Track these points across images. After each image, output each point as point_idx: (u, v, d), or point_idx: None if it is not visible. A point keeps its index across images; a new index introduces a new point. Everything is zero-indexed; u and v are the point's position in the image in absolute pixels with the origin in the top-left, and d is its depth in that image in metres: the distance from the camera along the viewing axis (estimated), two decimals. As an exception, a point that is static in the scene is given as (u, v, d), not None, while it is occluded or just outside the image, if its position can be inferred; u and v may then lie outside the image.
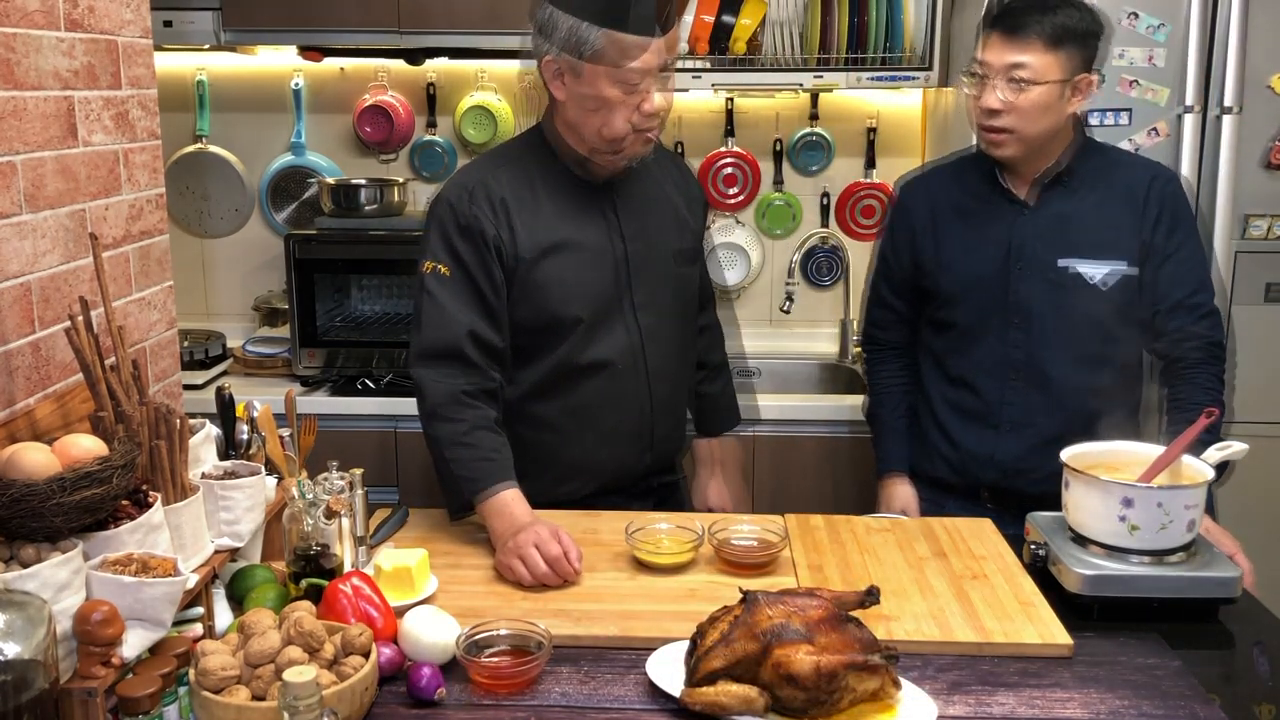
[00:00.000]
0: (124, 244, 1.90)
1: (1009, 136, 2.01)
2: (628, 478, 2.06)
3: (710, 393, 2.28)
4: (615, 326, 1.97)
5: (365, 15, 2.90)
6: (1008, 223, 2.09)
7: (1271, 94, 2.66)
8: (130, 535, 1.35)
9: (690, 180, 2.18)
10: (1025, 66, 1.96)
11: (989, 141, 2.05)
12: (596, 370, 1.96)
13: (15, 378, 1.58)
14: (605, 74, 1.79)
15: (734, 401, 2.34)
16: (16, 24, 1.59)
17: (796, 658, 1.32)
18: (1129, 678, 1.46)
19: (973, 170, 2.17)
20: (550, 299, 1.91)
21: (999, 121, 2.00)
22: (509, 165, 1.95)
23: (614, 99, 1.81)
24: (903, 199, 2.27)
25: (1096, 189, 2.07)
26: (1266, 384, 2.73)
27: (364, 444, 2.82)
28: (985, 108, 2.01)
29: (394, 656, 1.43)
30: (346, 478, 1.66)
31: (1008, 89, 1.98)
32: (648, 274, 1.99)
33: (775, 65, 3.12)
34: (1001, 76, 1.99)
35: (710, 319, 2.28)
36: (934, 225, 2.17)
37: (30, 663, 1.15)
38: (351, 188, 3.08)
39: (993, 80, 2.00)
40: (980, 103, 2.02)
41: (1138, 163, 2.14)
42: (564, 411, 1.98)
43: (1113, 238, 2.05)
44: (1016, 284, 2.07)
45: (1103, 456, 1.77)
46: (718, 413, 2.30)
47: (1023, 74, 1.97)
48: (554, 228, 1.92)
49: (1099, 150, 2.12)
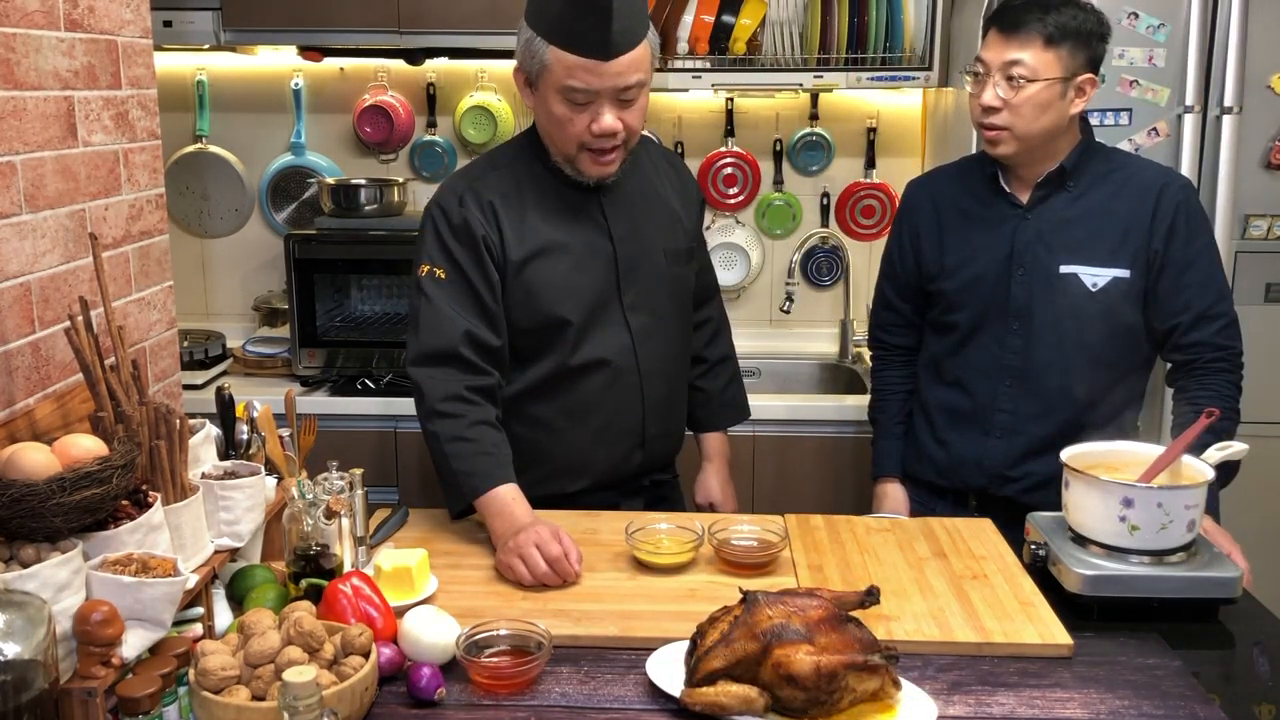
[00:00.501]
0: (124, 244, 1.90)
1: (1006, 134, 2.00)
2: (619, 476, 2.07)
3: (708, 388, 2.27)
4: (608, 327, 1.97)
5: (365, 15, 2.90)
6: (1009, 226, 2.08)
7: (1271, 94, 2.66)
8: (130, 535, 1.35)
9: (687, 180, 2.18)
10: (1022, 64, 1.96)
11: (987, 140, 2.04)
12: (591, 370, 1.97)
13: (15, 378, 1.58)
14: (553, 90, 1.83)
15: (736, 398, 2.32)
16: (16, 24, 1.59)
17: (796, 658, 1.32)
18: (1129, 678, 1.46)
19: (975, 172, 2.16)
20: (540, 301, 1.92)
21: (996, 119, 2.00)
22: (499, 169, 1.97)
23: (562, 116, 1.84)
24: (907, 201, 2.26)
25: (1100, 193, 2.05)
26: (1266, 384, 2.73)
27: (364, 444, 2.82)
28: (982, 104, 2.01)
29: (394, 656, 1.43)
30: (346, 478, 1.66)
31: (1005, 86, 1.98)
32: (639, 274, 2.00)
33: (775, 65, 3.12)
34: (999, 73, 1.98)
35: (711, 314, 2.28)
36: (937, 228, 2.16)
37: (30, 663, 1.15)
38: (351, 188, 3.08)
39: (991, 77, 2.00)
40: (979, 100, 2.02)
41: (1145, 167, 2.11)
42: (558, 410, 1.99)
43: (1116, 243, 2.03)
44: (1017, 288, 2.06)
45: (1103, 456, 1.77)
46: (712, 407, 2.28)
47: (1020, 71, 1.96)
48: (542, 230, 1.93)
49: (1102, 153, 2.10)
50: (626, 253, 1.98)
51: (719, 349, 2.29)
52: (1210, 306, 2.02)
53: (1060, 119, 2.00)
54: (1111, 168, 2.08)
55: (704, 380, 2.27)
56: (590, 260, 1.96)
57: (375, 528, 1.86)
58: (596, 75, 1.78)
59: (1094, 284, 2.03)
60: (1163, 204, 2.02)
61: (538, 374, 1.97)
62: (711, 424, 2.29)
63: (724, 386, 2.29)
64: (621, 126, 1.84)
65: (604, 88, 1.80)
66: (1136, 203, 2.03)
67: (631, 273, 1.99)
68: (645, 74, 1.84)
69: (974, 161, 2.19)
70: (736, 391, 2.32)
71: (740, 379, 2.34)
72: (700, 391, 2.27)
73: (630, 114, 1.85)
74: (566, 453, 2.02)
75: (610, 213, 1.98)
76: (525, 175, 1.96)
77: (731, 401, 2.31)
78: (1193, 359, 2.03)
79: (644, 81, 1.84)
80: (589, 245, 1.96)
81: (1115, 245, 2.03)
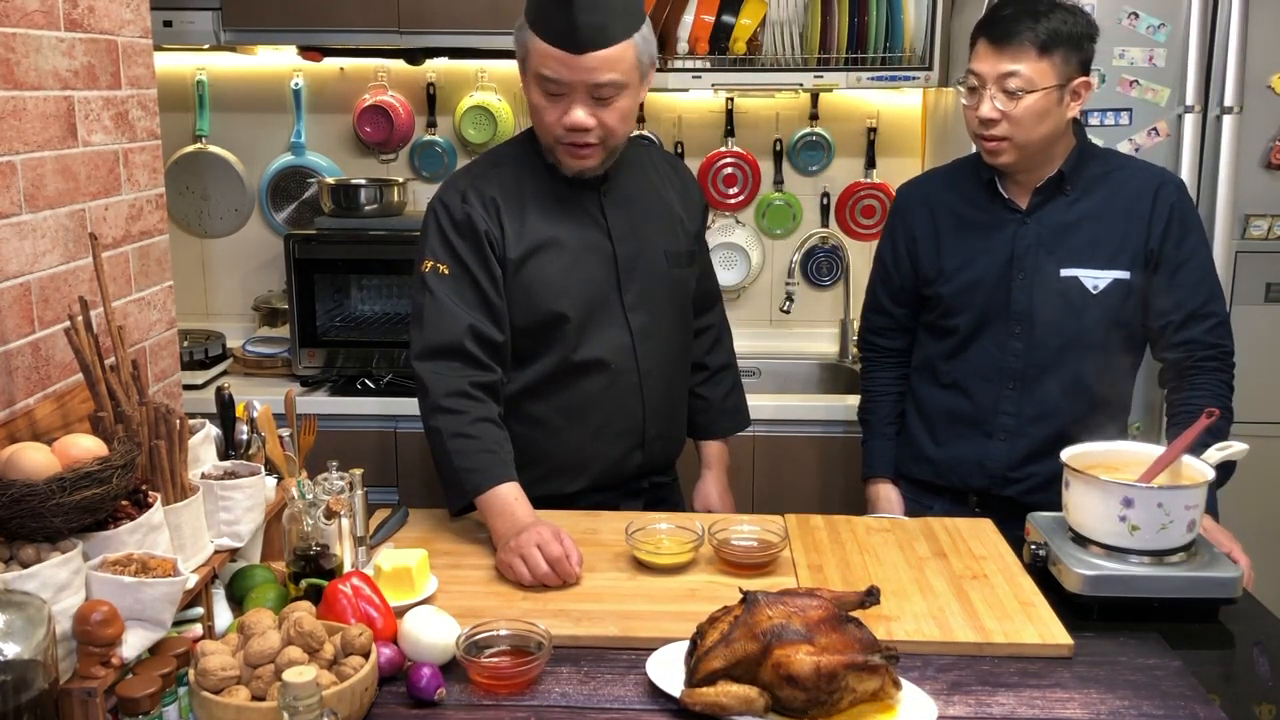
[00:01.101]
0: (124, 244, 1.90)
1: (1007, 144, 1.99)
2: (618, 476, 2.07)
3: (709, 395, 2.26)
4: (607, 326, 1.97)
5: (365, 15, 2.90)
6: (1008, 231, 2.07)
7: (1271, 94, 2.66)
8: (130, 535, 1.35)
9: (689, 183, 2.18)
10: (1018, 75, 1.94)
11: (987, 150, 2.03)
12: (590, 369, 1.97)
13: (15, 378, 1.58)
14: (532, 77, 1.85)
15: (737, 407, 2.30)
16: (16, 24, 1.59)
17: (796, 658, 1.32)
18: (1129, 678, 1.46)
19: (970, 177, 2.15)
20: (538, 297, 1.93)
21: (996, 130, 1.98)
22: (500, 167, 1.98)
23: (539, 104, 1.87)
24: (901, 205, 2.25)
25: (1097, 195, 2.05)
26: (1267, 384, 2.73)
27: (364, 444, 2.82)
28: (980, 117, 1.99)
29: (394, 656, 1.43)
30: (346, 478, 1.66)
31: (1003, 98, 1.96)
32: (639, 274, 2.00)
33: (775, 65, 3.12)
34: (995, 85, 1.96)
35: (713, 321, 2.27)
36: (934, 233, 2.15)
37: (30, 663, 1.15)
38: (351, 188, 3.08)
39: (986, 89, 1.98)
40: (976, 112, 2.00)
41: (1140, 168, 2.11)
42: (556, 409, 1.99)
43: (1116, 245, 2.03)
44: (1018, 293, 2.06)
45: (1103, 456, 1.77)
46: (712, 415, 2.27)
47: (1016, 83, 1.94)
48: (541, 226, 1.94)
49: (1098, 155, 2.10)
50: (626, 252, 1.98)
51: (720, 356, 2.28)
52: (1202, 305, 2.03)
53: (1059, 124, 2.00)
54: (1108, 169, 2.08)
55: (704, 388, 2.26)
56: (589, 257, 1.96)
57: (375, 528, 1.86)
58: (566, 67, 1.79)
59: (1095, 286, 2.03)
60: (1158, 204, 2.03)
61: (537, 373, 1.97)
62: (711, 432, 2.28)
63: (725, 394, 2.28)
64: (594, 124, 1.84)
65: (575, 81, 1.80)
66: (1133, 204, 2.04)
67: (631, 272, 1.99)
68: (622, 75, 1.82)
69: (968, 165, 2.18)
70: (737, 400, 2.30)
71: (741, 387, 2.32)
72: (700, 399, 2.26)
73: (607, 113, 1.84)
74: (564, 452, 2.02)
75: (610, 212, 1.98)
76: (526, 172, 1.96)
77: (732, 410, 2.29)
78: (1184, 357, 2.04)
79: (620, 83, 1.82)
80: (588, 243, 1.96)
81: (1115, 248, 2.03)
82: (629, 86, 1.84)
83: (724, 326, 2.31)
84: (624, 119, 1.88)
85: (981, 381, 2.11)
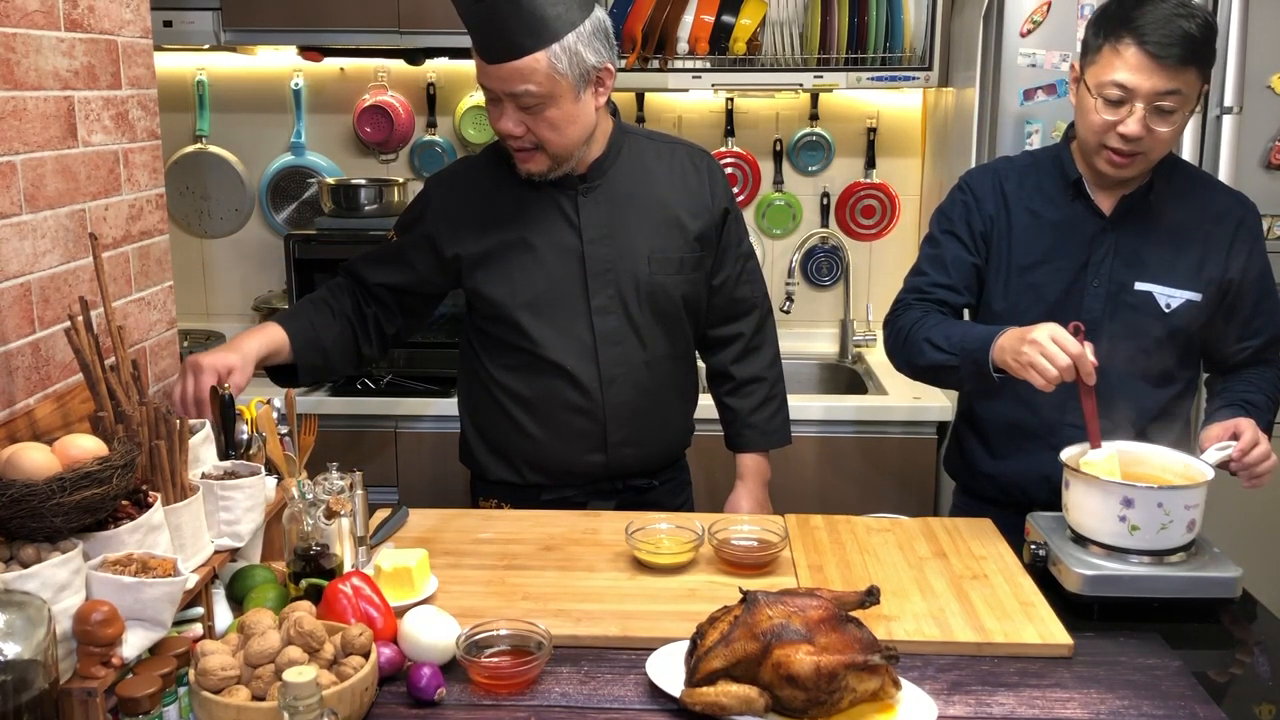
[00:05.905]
0: (124, 244, 1.90)
1: (1140, 159, 1.85)
2: (583, 476, 2.07)
3: (736, 407, 2.19)
4: (568, 327, 1.98)
5: (365, 15, 2.90)
6: (1086, 235, 1.96)
7: (1271, 94, 2.66)
8: (130, 535, 1.35)
9: (714, 186, 2.08)
10: (1178, 94, 1.78)
11: (1112, 163, 1.87)
12: (548, 368, 2.00)
13: (15, 378, 1.58)
14: None
15: (769, 424, 2.19)
16: (16, 24, 1.59)
17: (796, 658, 1.32)
18: (1129, 678, 1.46)
19: (1051, 173, 2.00)
20: (493, 294, 1.99)
21: (1134, 146, 1.83)
22: (485, 164, 2.06)
23: (487, 108, 1.94)
24: (975, 189, 2.05)
25: (1179, 212, 1.95)
26: (1266, 384, 2.73)
27: (364, 444, 2.82)
28: (1125, 134, 1.81)
29: (394, 656, 1.43)
30: (346, 478, 1.66)
31: (1155, 117, 1.79)
32: (611, 277, 1.98)
33: (775, 65, 3.12)
34: (1147, 102, 1.79)
35: (742, 330, 2.17)
36: (1008, 225, 2.01)
37: (30, 663, 1.15)
38: (351, 188, 3.08)
39: (1133, 104, 1.79)
40: (1117, 128, 1.82)
41: (1223, 191, 2.01)
42: (518, 401, 2.04)
43: (1194, 267, 1.94)
44: (1090, 299, 1.95)
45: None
46: (738, 428, 2.20)
47: (1173, 102, 1.78)
48: (508, 225, 1.98)
49: (1181, 169, 2.00)
50: (599, 254, 1.97)
51: (749, 368, 2.18)
52: (1277, 331, 2.01)
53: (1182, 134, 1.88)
54: (1190, 187, 1.98)
55: (731, 399, 2.20)
56: (553, 258, 1.97)
57: (375, 528, 1.86)
58: (485, 74, 1.86)
59: (1168, 304, 1.94)
60: (1242, 233, 1.95)
61: (502, 363, 2.04)
62: (739, 445, 2.21)
63: (754, 408, 2.18)
64: (523, 131, 1.86)
65: (497, 89, 1.85)
66: (1214, 228, 1.94)
67: (603, 275, 1.98)
68: (537, 86, 1.80)
69: (1048, 159, 2.03)
70: (770, 416, 2.19)
71: (780, 403, 2.21)
72: (728, 410, 2.21)
73: (536, 122, 1.85)
74: (525, 444, 2.05)
75: (585, 213, 1.98)
76: (505, 170, 2.00)
77: (762, 426, 2.19)
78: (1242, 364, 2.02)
79: (536, 94, 1.81)
80: (554, 243, 1.97)
81: (1192, 268, 1.94)
82: (553, 97, 1.83)
83: (763, 338, 2.20)
84: (556, 128, 1.86)
85: (1048, 394, 1.83)
